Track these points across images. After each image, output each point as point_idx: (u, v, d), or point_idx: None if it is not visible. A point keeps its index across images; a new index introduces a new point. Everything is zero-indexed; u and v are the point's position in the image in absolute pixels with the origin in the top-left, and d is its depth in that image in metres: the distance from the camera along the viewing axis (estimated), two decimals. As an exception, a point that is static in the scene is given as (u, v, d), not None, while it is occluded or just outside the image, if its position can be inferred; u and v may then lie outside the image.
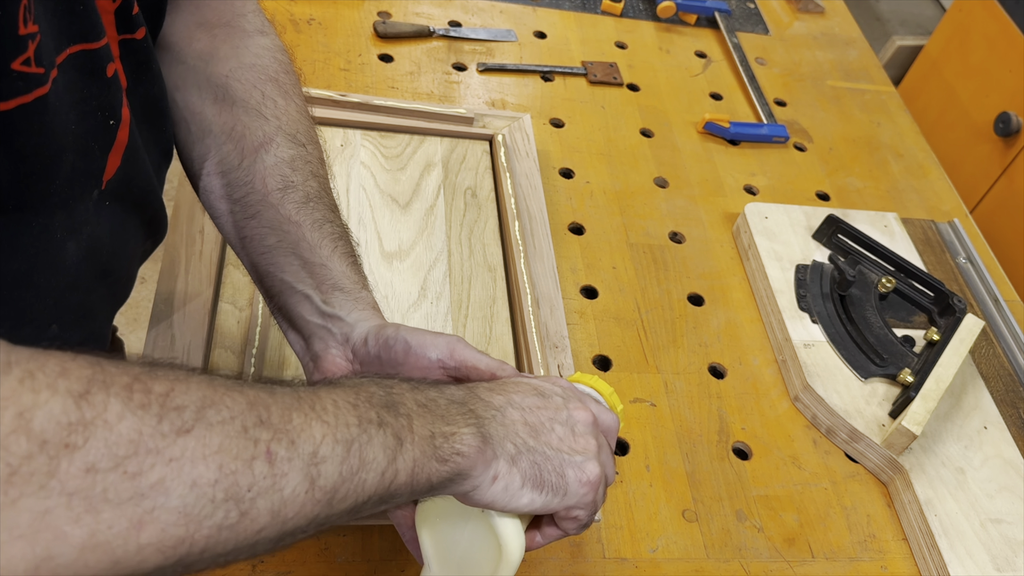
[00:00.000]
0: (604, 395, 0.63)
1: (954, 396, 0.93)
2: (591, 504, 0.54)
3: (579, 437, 0.53)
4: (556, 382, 0.58)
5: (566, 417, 0.54)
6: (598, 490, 0.54)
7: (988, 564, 0.80)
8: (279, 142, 0.65)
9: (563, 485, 0.52)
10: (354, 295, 0.64)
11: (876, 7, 3.24)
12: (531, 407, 0.53)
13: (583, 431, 0.54)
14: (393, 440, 0.44)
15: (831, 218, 1.04)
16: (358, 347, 0.61)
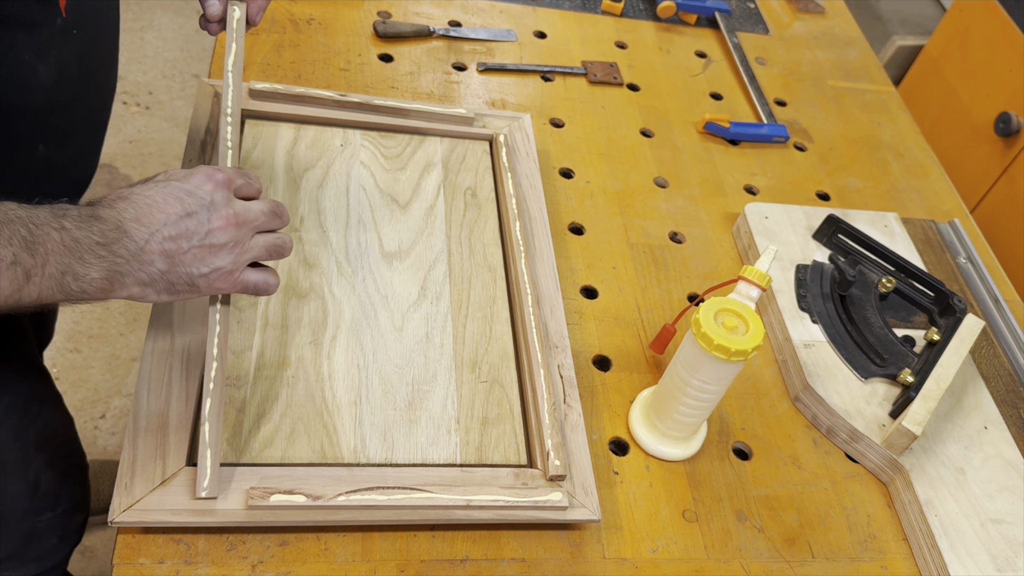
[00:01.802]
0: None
1: (954, 396, 0.93)
2: (233, 288, 0.66)
3: (215, 248, 0.63)
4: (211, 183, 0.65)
5: (205, 232, 0.63)
6: (236, 281, 0.65)
7: (988, 564, 0.79)
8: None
9: (196, 288, 0.64)
10: None
11: (876, 7, 3.24)
12: (173, 235, 0.61)
13: (221, 241, 0.64)
14: (23, 277, 0.54)
15: (831, 218, 1.04)
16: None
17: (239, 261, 0.65)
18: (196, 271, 0.63)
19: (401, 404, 0.78)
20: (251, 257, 0.66)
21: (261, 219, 0.67)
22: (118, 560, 0.66)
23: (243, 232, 0.65)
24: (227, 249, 0.64)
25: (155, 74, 2.26)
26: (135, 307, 1.79)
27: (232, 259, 0.65)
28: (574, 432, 0.78)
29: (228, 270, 0.65)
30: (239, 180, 0.67)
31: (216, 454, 0.67)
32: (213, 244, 0.63)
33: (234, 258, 0.65)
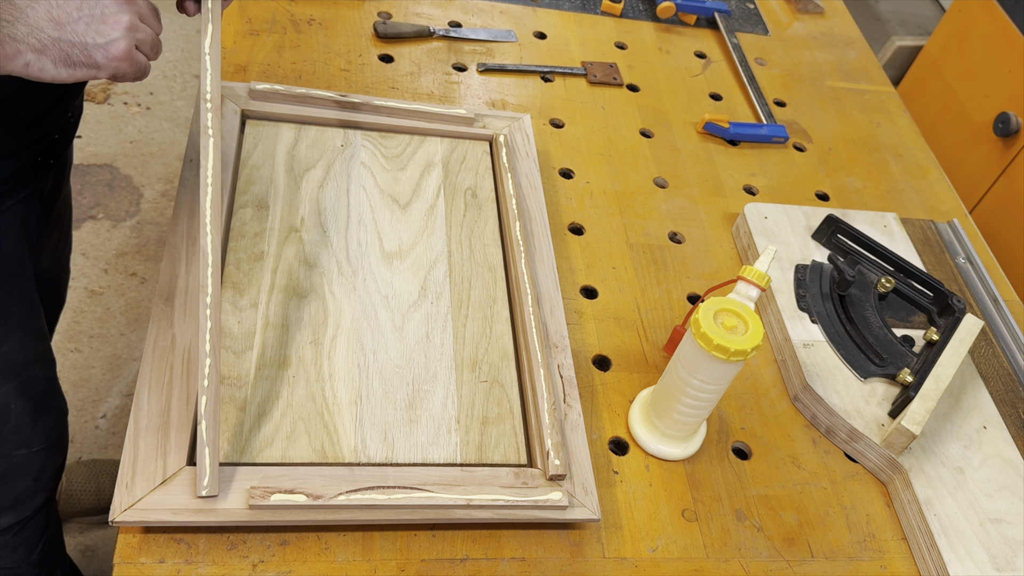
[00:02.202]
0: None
1: (953, 396, 0.93)
2: (131, 69, 0.66)
3: (109, 19, 0.64)
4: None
5: (95, 3, 0.63)
6: (133, 58, 0.66)
7: (987, 564, 0.80)
8: None
9: (94, 62, 0.64)
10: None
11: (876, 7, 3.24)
12: (60, 3, 0.62)
13: (113, 11, 0.64)
14: None
15: (830, 218, 1.04)
16: None
17: (133, 37, 0.65)
18: (91, 40, 0.63)
19: (401, 404, 0.78)
20: (141, 40, 0.66)
21: (147, 10, 0.68)
22: (119, 559, 0.66)
23: (132, 10, 0.65)
24: (121, 23, 0.64)
25: (156, 74, 2.26)
26: (136, 307, 1.79)
27: (127, 32, 0.65)
28: (574, 432, 0.79)
29: (124, 46, 0.65)
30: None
31: (214, 452, 0.68)
32: (105, 14, 0.64)
33: (129, 32, 0.65)
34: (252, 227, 0.87)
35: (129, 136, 2.09)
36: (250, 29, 1.12)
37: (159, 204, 1.97)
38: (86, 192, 1.96)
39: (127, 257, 1.87)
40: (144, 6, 0.67)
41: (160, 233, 1.92)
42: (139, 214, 1.95)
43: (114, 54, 0.64)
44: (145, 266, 1.86)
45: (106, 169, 2.01)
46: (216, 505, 0.67)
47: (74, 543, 1.48)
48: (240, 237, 0.85)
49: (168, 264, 0.81)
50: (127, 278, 1.84)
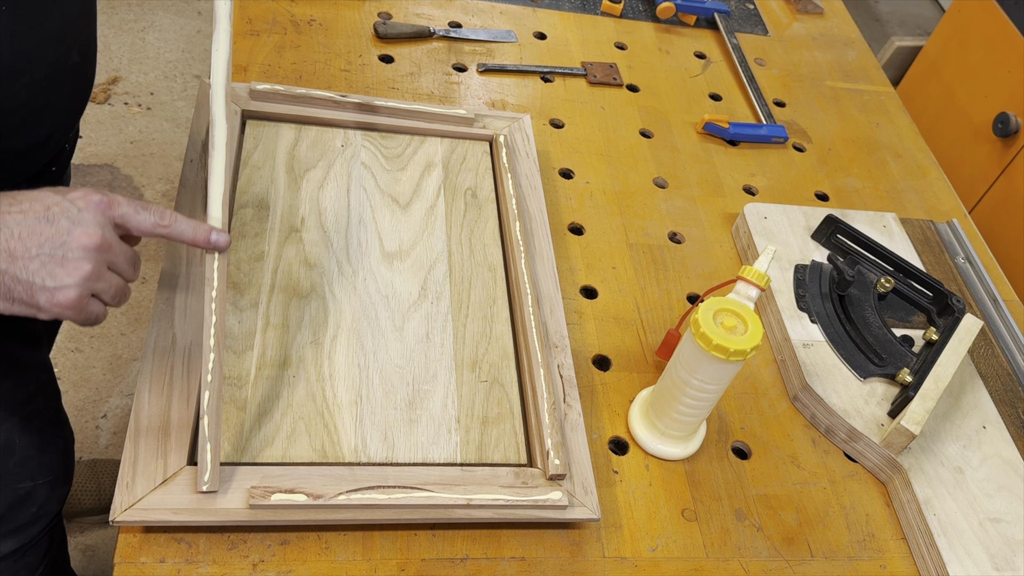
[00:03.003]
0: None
1: (953, 396, 0.93)
2: (77, 317, 0.62)
3: (69, 263, 0.60)
4: (85, 201, 0.61)
5: (61, 243, 0.59)
6: (80, 308, 0.61)
7: (987, 563, 0.80)
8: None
9: (35, 304, 0.60)
10: None
11: (875, 8, 3.24)
12: (22, 234, 0.58)
13: (77, 256, 0.60)
14: None
15: (830, 218, 1.04)
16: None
17: (89, 287, 0.61)
18: (40, 282, 0.59)
19: (402, 403, 0.78)
20: (101, 290, 0.62)
21: (122, 259, 0.63)
22: (119, 559, 0.66)
23: (102, 259, 0.61)
24: (79, 271, 0.60)
25: (156, 75, 2.26)
26: (136, 307, 1.79)
27: (83, 281, 0.60)
28: (574, 431, 0.79)
29: (73, 295, 0.60)
30: (125, 209, 0.63)
31: (216, 448, 0.68)
32: (67, 258, 0.59)
33: (86, 282, 0.60)
34: (252, 227, 0.87)
35: (129, 136, 2.10)
36: (250, 29, 1.13)
37: (159, 204, 1.97)
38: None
39: (127, 257, 1.87)
40: (119, 253, 0.63)
41: (160, 233, 1.92)
42: (139, 214, 1.94)
43: (59, 300, 0.60)
44: (145, 266, 1.86)
45: (106, 169, 2.01)
46: (216, 505, 0.67)
47: (74, 543, 1.48)
48: (240, 237, 0.86)
49: (168, 264, 0.81)
50: (127, 278, 1.83)
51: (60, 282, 0.60)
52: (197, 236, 0.67)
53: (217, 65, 0.75)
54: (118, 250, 0.63)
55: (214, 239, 0.68)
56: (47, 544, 1.03)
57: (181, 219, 0.66)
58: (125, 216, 0.63)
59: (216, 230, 0.69)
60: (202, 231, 0.68)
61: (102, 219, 0.61)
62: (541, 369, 0.80)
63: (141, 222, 0.64)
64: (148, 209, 0.64)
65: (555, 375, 0.82)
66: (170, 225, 0.65)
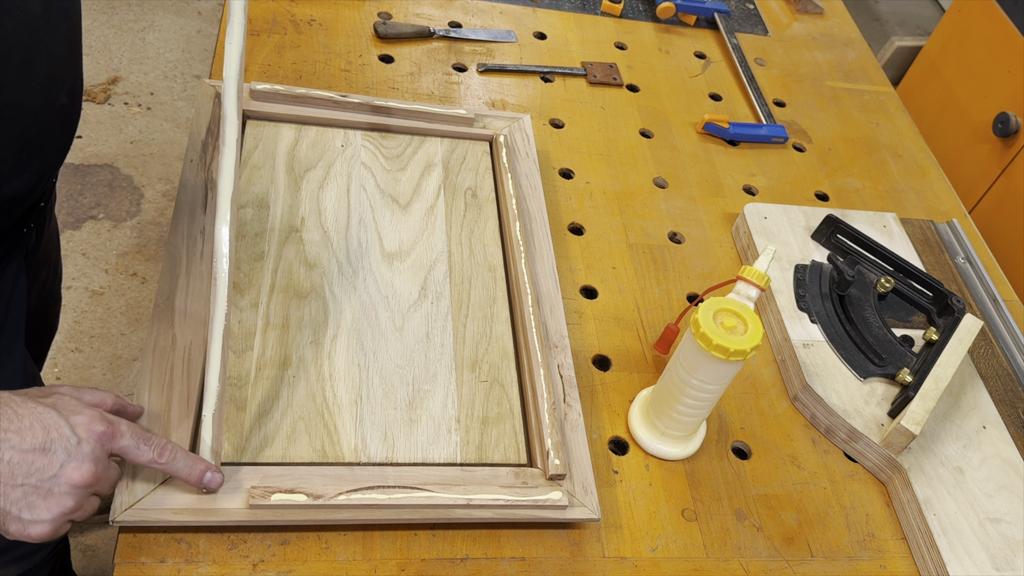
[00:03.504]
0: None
1: (953, 396, 0.93)
2: (40, 540, 0.58)
3: (52, 498, 0.57)
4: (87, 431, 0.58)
5: (50, 476, 0.57)
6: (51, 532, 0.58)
7: (987, 563, 0.80)
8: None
9: (4, 529, 0.57)
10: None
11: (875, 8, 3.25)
12: (12, 459, 0.55)
13: (63, 491, 0.57)
14: None
15: (830, 218, 1.04)
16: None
17: (64, 521, 0.59)
18: (16, 512, 0.56)
19: (402, 403, 0.78)
20: (76, 517, 0.60)
21: (106, 486, 0.61)
22: (119, 559, 0.66)
23: (87, 493, 0.59)
24: (61, 506, 0.58)
25: (156, 75, 2.26)
26: (136, 307, 1.79)
27: (61, 516, 0.58)
28: (574, 431, 0.79)
29: (50, 529, 0.58)
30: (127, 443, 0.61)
31: (218, 446, 0.68)
32: (52, 491, 0.57)
33: (63, 517, 0.58)
34: (252, 227, 0.87)
35: (130, 136, 2.10)
36: (250, 29, 1.13)
37: (159, 204, 1.97)
38: (87, 192, 1.96)
39: (128, 257, 1.87)
40: (105, 481, 0.60)
41: (161, 233, 1.92)
42: (140, 214, 1.95)
43: (29, 533, 0.58)
44: (146, 266, 1.86)
45: (107, 169, 2.01)
46: (216, 505, 0.67)
47: (74, 543, 1.48)
48: (240, 237, 0.86)
49: (168, 264, 0.81)
50: (128, 278, 1.84)
51: (37, 516, 0.57)
52: (191, 475, 0.65)
53: (230, 60, 0.74)
54: (105, 478, 0.60)
55: (207, 479, 0.66)
56: (52, 563, 1.03)
57: (180, 456, 0.64)
58: (124, 449, 0.61)
59: (211, 470, 0.66)
60: (196, 471, 0.65)
61: (100, 452, 0.59)
62: (541, 369, 0.80)
63: (138, 457, 0.62)
64: (149, 443, 0.62)
65: (555, 375, 0.82)
66: (167, 463, 0.63)
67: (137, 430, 0.62)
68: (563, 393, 0.81)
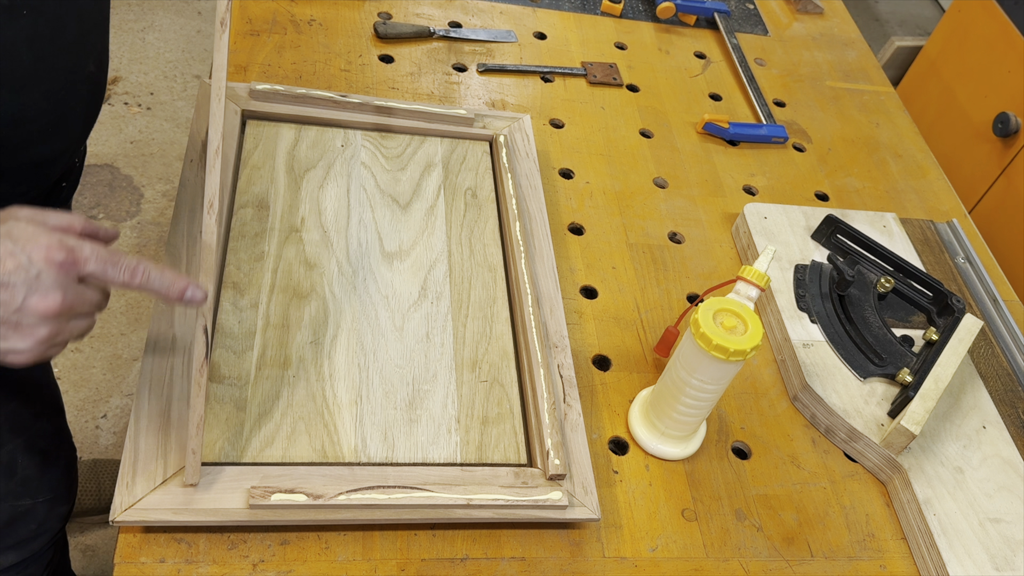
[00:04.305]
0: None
1: (953, 396, 0.93)
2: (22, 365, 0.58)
3: (23, 329, 0.56)
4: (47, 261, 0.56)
5: (15, 309, 0.55)
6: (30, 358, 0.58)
7: (987, 563, 0.80)
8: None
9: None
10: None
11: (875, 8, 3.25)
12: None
13: (32, 323, 0.56)
14: None
15: (830, 218, 1.04)
16: None
17: (44, 348, 0.58)
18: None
19: (401, 403, 0.78)
20: (59, 342, 0.59)
21: (86, 308, 0.60)
22: (119, 559, 0.66)
23: (60, 321, 0.58)
24: (34, 336, 0.57)
25: (156, 75, 2.26)
26: (136, 307, 1.79)
27: (37, 345, 0.57)
28: (574, 431, 0.79)
29: (30, 357, 0.58)
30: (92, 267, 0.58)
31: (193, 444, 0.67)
32: (22, 324, 0.56)
33: (40, 345, 0.58)
34: (252, 227, 0.87)
35: (130, 136, 2.10)
36: (250, 29, 1.13)
37: (159, 204, 1.97)
38: (86, 192, 1.96)
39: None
40: (82, 304, 0.59)
41: (161, 233, 1.92)
42: (139, 214, 1.95)
43: (10, 361, 0.57)
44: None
45: (107, 169, 2.01)
46: (216, 505, 0.67)
47: (74, 543, 1.48)
48: (240, 237, 0.86)
49: (168, 264, 0.81)
50: (127, 278, 1.83)
51: (12, 346, 0.57)
52: (172, 291, 0.62)
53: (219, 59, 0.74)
54: (80, 303, 0.59)
55: (189, 295, 0.63)
56: (51, 554, 1.03)
57: (154, 275, 0.61)
58: (92, 276, 0.59)
59: (193, 285, 0.63)
60: (176, 287, 0.63)
61: (63, 280, 0.57)
62: (541, 369, 0.80)
63: (114, 278, 0.60)
64: (118, 265, 0.60)
65: (555, 375, 0.82)
66: (142, 283, 0.61)
67: (103, 253, 0.59)
68: (563, 393, 0.81)
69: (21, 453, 0.90)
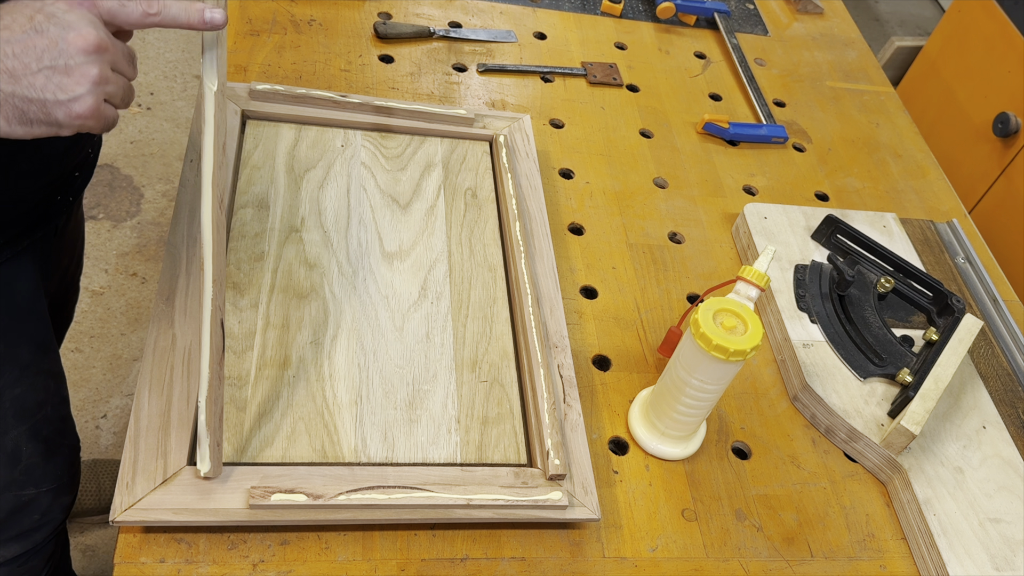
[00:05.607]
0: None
1: (953, 396, 0.93)
2: (97, 125, 0.59)
3: (74, 72, 0.56)
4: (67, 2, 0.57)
5: (59, 52, 0.56)
6: (100, 114, 0.59)
7: (987, 563, 0.80)
8: None
9: (54, 120, 0.57)
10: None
11: (875, 8, 3.25)
12: (16, 51, 0.55)
13: (80, 62, 0.57)
14: None
15: (830, 218, 1.04)
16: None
17: (101, 92, 0.58)
18: (52, 97, 0.56)
19: (401, 403, 0.78)
20: (111, 93, 0.59)
21: (121, 57, 0.60)
22: (119, 559, 0.66)
23: (104, 60, 0.58)
24: (88, 77, 0.57)
25: (156, 75, 2.26)
26: (136, 307, 1.79)
27: (94, 87, 0.58)
28: (574, 431, 0.79)
29: (91, 103, 0.58)
30: (110, 3, 0.59)
31: (216, 437, 0.68)
32: (70, 66, 0.56)
33: (96, 87, 0.58)
34: (252, 227, 0.87)
35: (129, 136, 2.10)
36: (250, 29, 1.13)
37: (159, 204, 1.97)
38: (87, 192, 1.96)
39: (128, 257, 1.87)
40: (118, 52, 0.60)
41: (161, 233, 1.92)
42: (139, 214, 1.95)
43: (78, 112, 0.58)
44: (146, 266, 1.86)
45: (107, 169, 2.01)
46: (216, 505, 0.67)
47: (74, 543, 1.48)
48: (240, 237, 0.86)
49: (168, 264, 0.81)
50: (128, 278, 1.84)
51: (72, 93, 0.57)
52: (191, 18, 0.62)
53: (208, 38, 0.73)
54: (115, 48, 0.59)
55: (208, 17, 0.63)
56: (52, 547, 1.03)
57: (170, 3, 0.61)
58: (112, 11, 0.59)
59: (209, 7, 0.63)
60: (195, 11, 0.62)
61: (91, 17, 0.58)
62: (541, 369, 0.80)
63: (129, 13, 0.60)
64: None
65: (555, 375, 0.82)
66: (159, 12, 0.60)
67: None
68: (563, 393, 0.81)
69: (26, 441, 0.90)
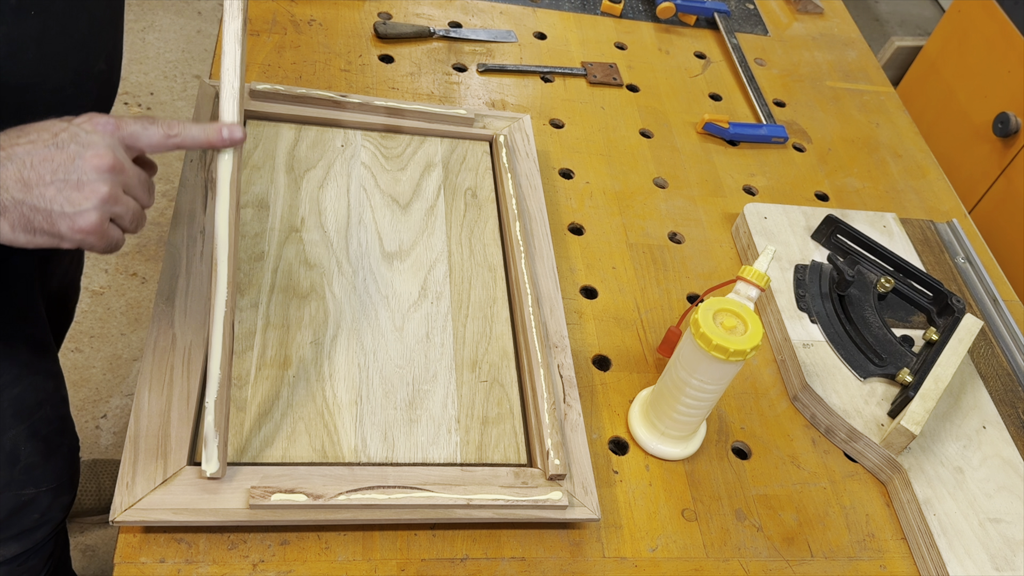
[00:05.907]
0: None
1: (953, 396, 0.93)
2: (99, 243, 0.61)
3: (85, 187, 0.58)
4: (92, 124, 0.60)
5: (74, 168, 0.58)
6: (102, 232, 0.60)
7: (987, 563, 0.80)
8: None
9: (57, 232, 0.59)
10: None
11: (875, 8, 3.25)
12: (34, 162, 0.57)
13: (92, 179, 0.59)
14: None
15: (830, 218, 1.04)
16: None
17: (108, 210, 0.60)
18: (58, 208, 0.58)
19: (401, 403, 0.78)
20: (119, 214, 0.61)
21: (135, 181, 0.62)
22: (119, 559, 0.66)
23: (117, 181, 0.60)
24: (97, 194, 0.59)
25: (156, 75, 2.26)
26: (136, 307, 1.79)
27: (102, 204, 0.59)
28: (574, 431, 0.79)
29: (95, 219, 0.59)
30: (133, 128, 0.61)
31: (224, 438, 0.68)
32: (82, 181, 0.58)
33: (104, 204, 0.59)
34: (252, 227, 0.87)
35: (129, 136, 2.09)
36: (250, 29, 1.13)
37: (159, 204, 1.97)
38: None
39: (128, 257, 1.87)
40: (133, 175, 0.62)
41: (160, 233, 1.92)
42: (139, 214, 1.94)
43: (81, 226, 0.59)
44: (146, 266, 1.86)
45: (106, 169, 2.01)
46: (216, 505, 0.67)
47: (74, 543, 1.48)
48: (240, 237, 0.86)
49: (168, 264, 0.81)
50: (128, 278, 1.84)
51: (79, 207, 0.58)
52: (210, 138, 0.65)
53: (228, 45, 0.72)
54: (131, 172, 0.61)
55: (226, 135, 0.65)
56: (52, 546, 1.03)
57: (190, 126, 0.64)
58: (134, 135, 0.62)
59: (227, 125, 0.66)
60: (213, 131, 0.65)
61: (111, 140, 0.60)
62: (541, 369, 0.80)
63: (151, 137, 0.62)
64: (155, 123, 0.63)
65: (555, 375, 0.82)
66: (179, 134, 0.63)
67: (139, 117, 0.62)
68: (563, 393, 0.81)
69: (24, 440, 0.90)
